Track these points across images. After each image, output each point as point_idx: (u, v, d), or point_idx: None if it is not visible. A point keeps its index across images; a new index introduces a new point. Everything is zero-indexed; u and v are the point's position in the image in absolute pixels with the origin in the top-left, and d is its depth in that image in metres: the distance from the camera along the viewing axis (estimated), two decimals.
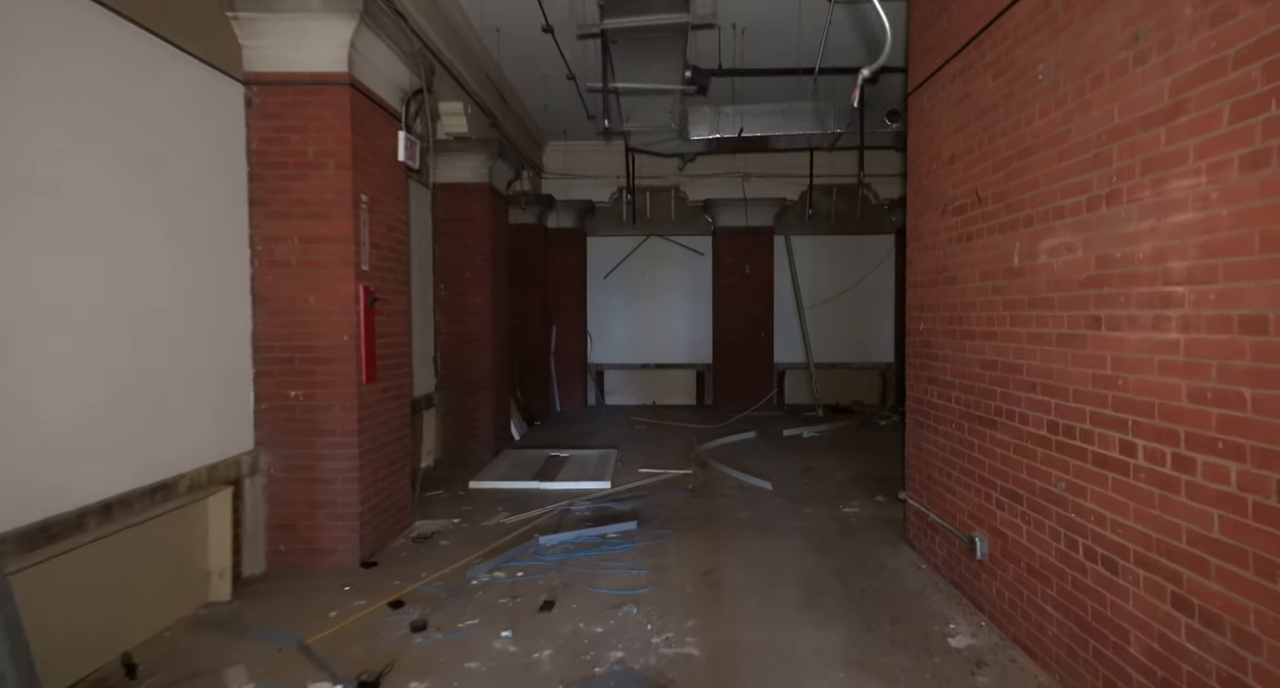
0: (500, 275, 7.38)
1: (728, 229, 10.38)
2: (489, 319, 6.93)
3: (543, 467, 6.36)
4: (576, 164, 10.23)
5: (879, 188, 10.34)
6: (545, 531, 4.52)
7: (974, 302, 3.33)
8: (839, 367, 10.84)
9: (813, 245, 10.79)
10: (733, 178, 10.25)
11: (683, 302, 10.91)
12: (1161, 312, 2.09)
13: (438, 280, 6.85)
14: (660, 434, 8.28)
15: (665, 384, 11.07)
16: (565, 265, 10.48)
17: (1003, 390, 3.05)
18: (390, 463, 4.24)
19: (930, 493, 3.87)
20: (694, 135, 6.91)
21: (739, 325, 10.41)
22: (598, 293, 10.95)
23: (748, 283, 10.37)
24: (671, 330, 10.94)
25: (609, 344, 10.99)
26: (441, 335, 6.89)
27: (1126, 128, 2.25)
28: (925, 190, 3.94)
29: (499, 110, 7.48)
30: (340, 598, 3.42)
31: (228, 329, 3.54)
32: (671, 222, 10.88)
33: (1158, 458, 2.10)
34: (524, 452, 7.08)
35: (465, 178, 6.81)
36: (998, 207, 3.11)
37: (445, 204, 6.82)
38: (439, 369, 6.84)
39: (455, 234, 6.86)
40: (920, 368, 4.05)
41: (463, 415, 6.93)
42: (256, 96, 3.65)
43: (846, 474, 6.18)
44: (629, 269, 10.91)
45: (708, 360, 10.83)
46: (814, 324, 10.68)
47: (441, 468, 6.48)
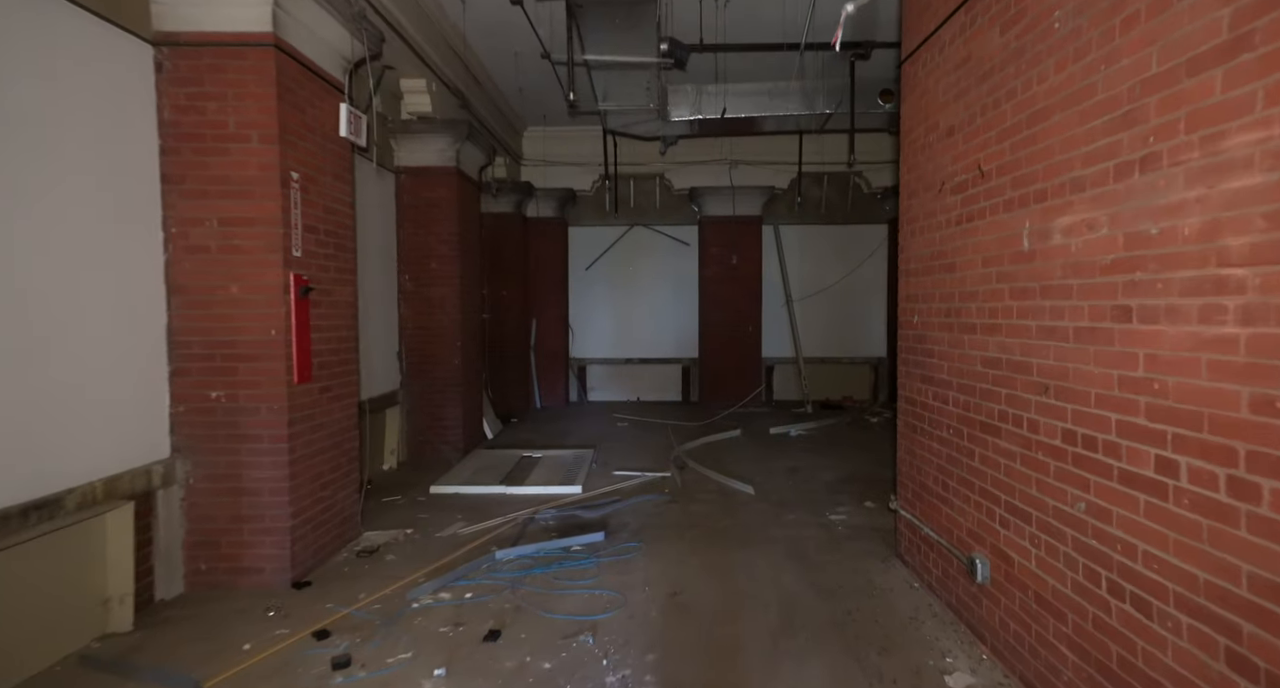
0: (471, 266, 6.96)
1: (714, 218, 9.98)
2: (457, 312, 6.51)
3: (513, 469, 5.97)
4: (557, 150, 9.80)
5: (871, 175, 9.96)
6: (504, 543, 4.13)
7: (975, 291, 2.95)
8: (829, 361, 10.48)
9: (802, 235, 10.40)
10: (719, 165, 9.85)
11: (668, 294, 10.52)
12: (1214, 300, 1.71)
13: (402, 271, 6.43)
14: (641, 433, 7.90)
15: (650, 380, 10.68)
16: (546, 256, 10.06)
17: (1008, 392, 2.67)
18: (333, 470, 3.84)
19: (924, 504, 3.50)
20: (675, 116, 6.50)
21: (726, 319, 10.03)
22: (580, 285, 10.54)
23: (735, 274, 9.99)
24: (656, 324, 10.55)
25: (592, 338, 10.59)
26: (407, 329, 6.47)
27: (1168, 76, 1.86)
28: (919, 168, 3.55)
29: (469, 91, 7.04)
30: (260, 626, 3.01)
31: (137, 322, 3.12)
32: (656, 210, 10.47)
33: (1207, 481, 1.72)
34: (496, 452, 6.68)
35: (431, 161, 6.37)
36: (1003, 181, 2.72)
37: (410, 189, 6.39)
38: (404, 365, 6.42)
39: (420, 221, 6.43)
40: (913, 366, 3.67)
41: (429, 414, 6.52)
42: (168, 60, 3.21)
43: (834, 476, 5.82)
44: (612, 260, 10.50)
45: (694, 355, 10.45)
46: (803, 317, 10.31)
47: (405, 470, 6.07)
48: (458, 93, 6.68)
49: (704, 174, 9.91)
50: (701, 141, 9.78)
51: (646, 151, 9.83)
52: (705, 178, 9.90)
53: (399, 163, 6.35)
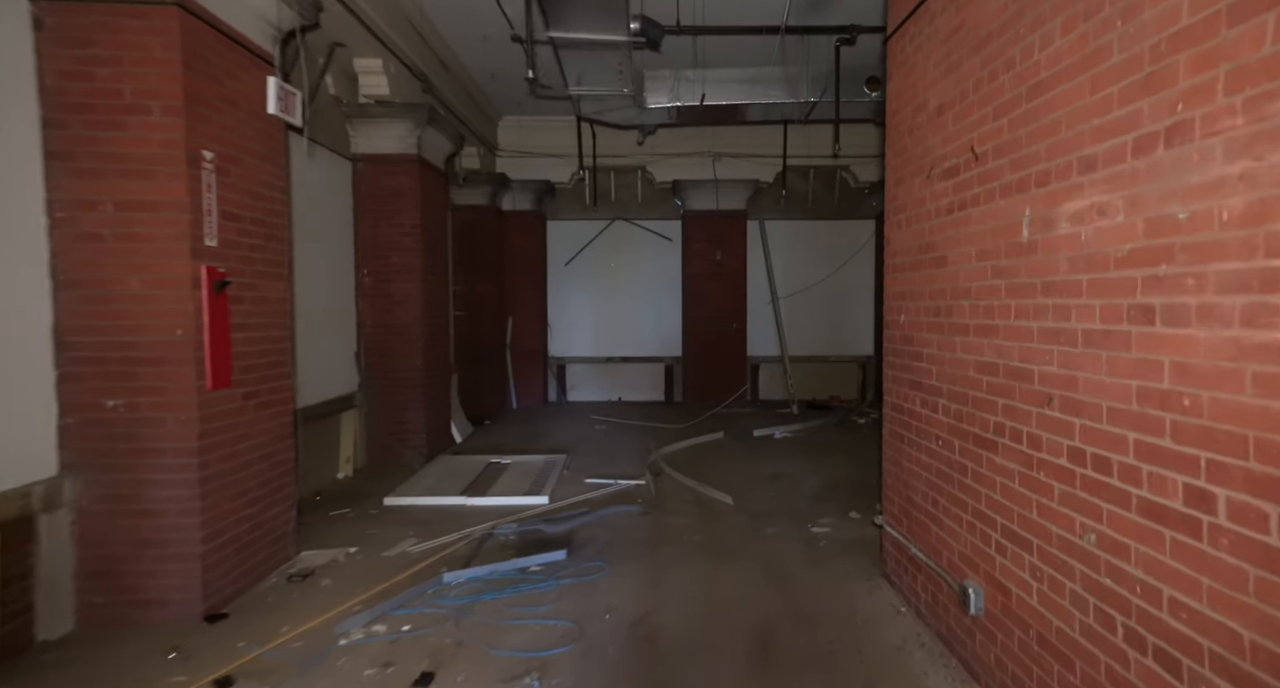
0: (437, 260, 6.58)
1: (698, 213, 9.64)
2: (420, 309, 6.14)
3: (477, 477, 5.62)
4: (534, 141, 9.42)
5: (858, 170, 9.64)
6: (456, 563, 3.78)
7: (968, 288, 2.63)
8: (815, 360, 10.17)
9: (788, 231, 10.08)
10: (703, 158, 9.51)
11: (650, 290, 10.17)
12: (1262, 298, 1.39)
13: (361, 265, 6.05)
14: (620, 435, 7.56)
15: (631, 379, 10.34)
16: (523, 251, 9.69)
17: (1005, 402, 2.35)
18: (262, 485, 3.47)
19: (912, 521, 3.18)
20: (651, 103, 6.15)
21: (710, 316, 9.70)
22: (559, 281, 10.18)
23: (719, 270, 9.66)
24: (638, 321, 10.20)
25: (571, 336, 10.24)
26: (366, 328, 6.09)
27: (1203, 27, 1.53)
28: (907, 152, 3.23)
29: (435, 74, 6.65)
30: (156, 671, 2.65)
31: (13, 319, 2.74)
32: (638, 204, 10.12)
33: (1255, 520, 1.40)
34: (462, 458, 6.33)
35: (390, 148, 5.99)
36: (1000, 163, 2.39)
37: (369, 178, 6.01)
38: (363, 366, 6.05)
39: (380, 213, 6.04)
40: (900, 369, 3.35)
41: (390, 418, 6.15)
42: (50, 15, 2.82)
43: (819, 482, 5.50)
44: (592, 255, 10.14)
45: (677, 354, 10.12)
46: (789, 315, 10.00)
47: (361, 479, 5.70)
48: (420, 76, 6.29)
49: (687, 167, 9.57)
50: (682, 132, 9.42)
51: (627, 143, 9.46)
52: (688, 171, 9.56)
53: (356, 150, 5.97)
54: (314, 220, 5.28)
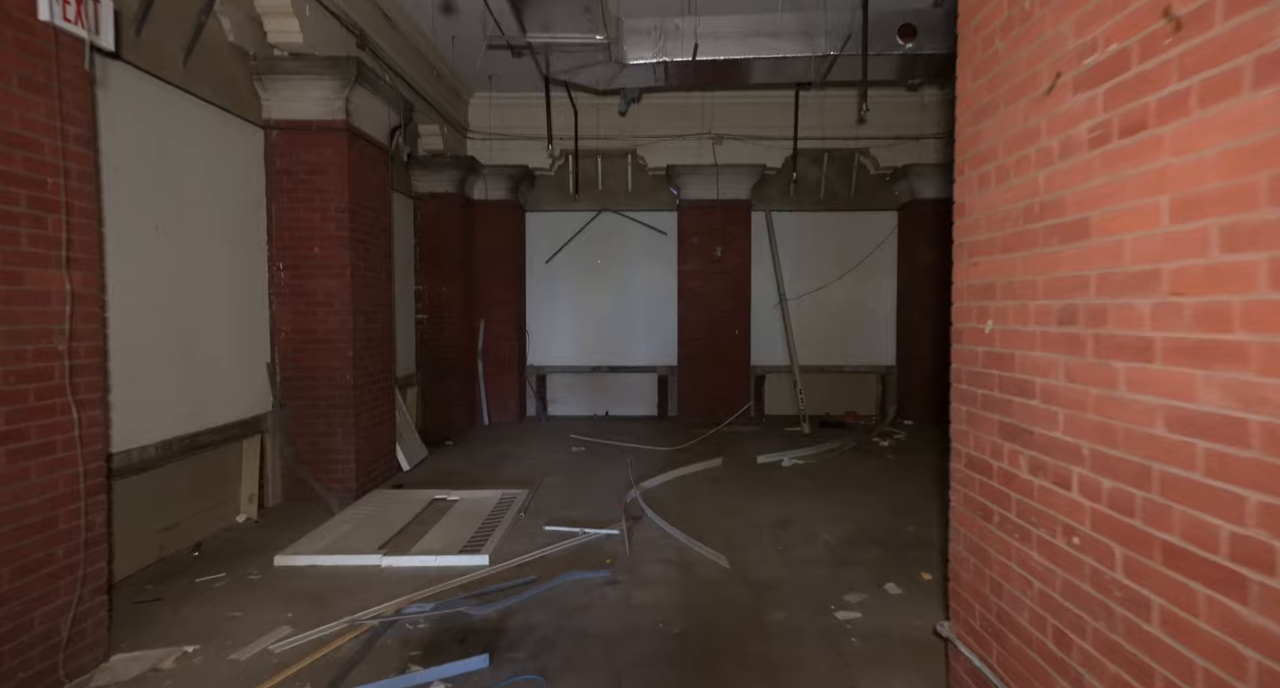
0: (375, 253, 5.44)
1: (696, 203, 8.48)
2: (348, 311, 5.00)
3: (410, 522, 4.47)
4: (508, 121, 8.29)
5: (880, 153, 8.47)
6: (331, 672, 2.63)
7: (1148, 274, 1.45)
8: (829, 371, 8.99)
9: (798, 223, 8.92)
10: (701, 140, 8.36)
11: (641, 291, 9.02)
12: None
13: (275, 258, 4.92)
14: (600, 461, 6.40)
15: (620, 391, 9.18)
16: (496, 245, 8.55)
17: (1263, 501, 1.18)
18: (20, 574, 2.33)
19: (1011, 652, 2.01)
20: (632, 59, 5.00)
21: (709, 320, 8.54)
22: (538, 280, 9.04)
23: (719, 268, 8.50)
24: (628, 326, 9.05)
25: (552, 343, 9.09)
26: (282, 335, 4.95)
27: None
28: (999, 61, 2.05)
29: (375, 29, 5.52)
30: None
31: None
32: (628, 194, 8.97)
33: None
34: (401, 493, 5.18)
35: (310, 114, 4.86)
36: (1236, 26, 1.23)
37: (284, 151, 4.88)
38: (278, 381, 4.91)
39: (298, 193, 4.91)
40: (984, 405, 2.18)
41: (310, 445, 5.00)
42: None
43: (839, 533, 4.32)
44: (576, 251, 9.00)
45: (671, 362, 8.95)
46: (799, 319, 8.82)
47: (266, 523, 4.55)
48: (353, 28, 5.16)
49: (683, 150, 8.42)
50: (677, 109, 8.28)
51: (613, 121, 8.33)
52: (684, 155, 8.41)
53: (269, 115, 4.84)
54: (198, 198, 4.15)
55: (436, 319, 8.03)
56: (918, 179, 8.23)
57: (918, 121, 8.20)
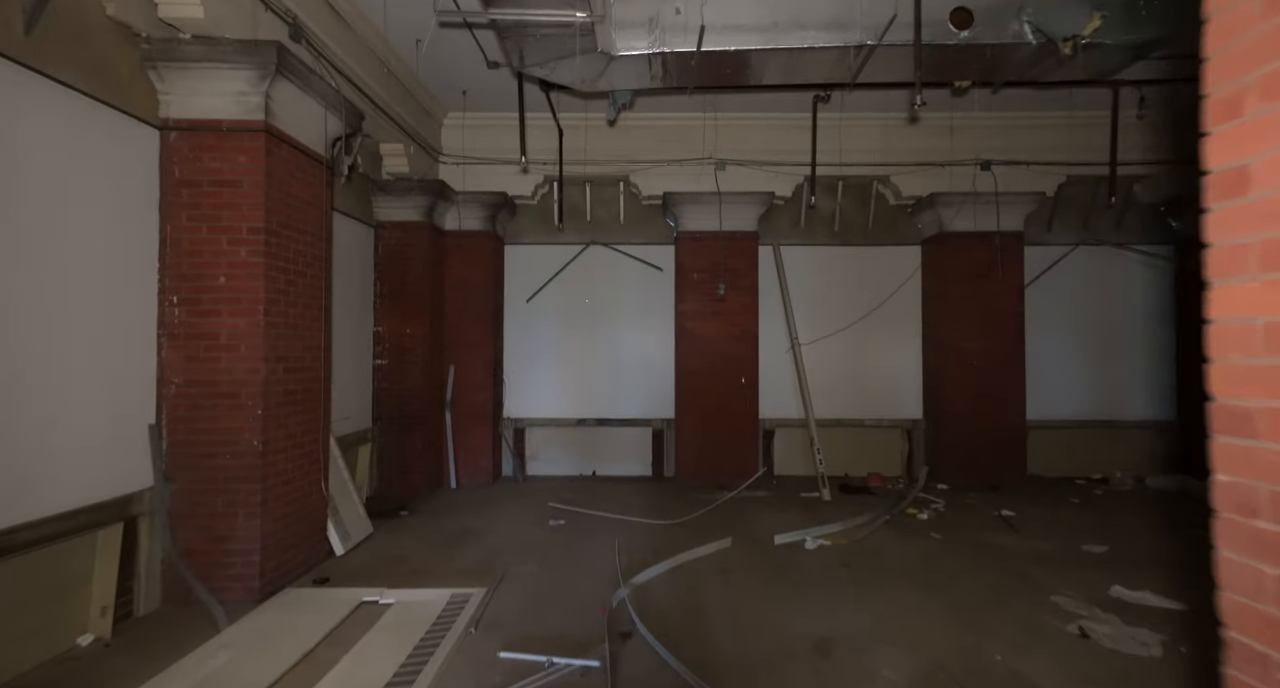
0: (305, 285, 4.40)
1: (695, 235, 7.54)
2: (260, 357, 3.92)
3: (320, 643, 3.31)
4: (485, 143, 7.38)
5: (900, 181, 7.57)
6: None
7: None
8: (847, 425, 7.90)
9: (811, 259, 7.96)
10: (702, 165, 7.46)
11: (635, 334, 7.99)
12: None
13: (167, 289, 3.87)
14: (583, 538, 5.25)
15: (610, 448, 8.05)
16: (470, 282, 7.54)
17: None
18: None
19: None
20: (622, 49, 4.08)
21: (711, 367, 7.49)
22: (518, 321, 8.01)
23: (723, 308, 7.50)
24: (619, 374, 7.98)
25: (533, 392, 8.00)
26: (173, 387, 3.87)
27: None
28: None
29: (314, 18, 4.61)
30: None
31: None
32: (620, 225, 8.03)
33: None
34: (322, 592, 4.01)
35: (219, 111, 3.89)
36: None
37: (186, 156, 3.88)
38: (163, 448, 3.80)
39: (201, 209, 3.89)
40: None
41: (202, 530, 3.86)
42: None
43: (903, 666, 3.17)
44: (562, 288, 7.99)
45: (668, 415, 7.86)
46: (813, 367, 7.78)
47: (116, 650, 3.35)
48: (284, 13, 4.23)
49: (681, 177, 7.51)
50: (673, 128, 7.42)
51: (603, 144, 7.45)
52: (683, 181, 7.50)
53: (167, 113, 3.87)
54: (44, 209, 3.12)
55: (398, 365, 6.97)
56: (945, 209, 7.32)
57: (945, 146, 7.34)
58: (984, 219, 7.28)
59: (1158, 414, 7.88)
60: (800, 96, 6.68)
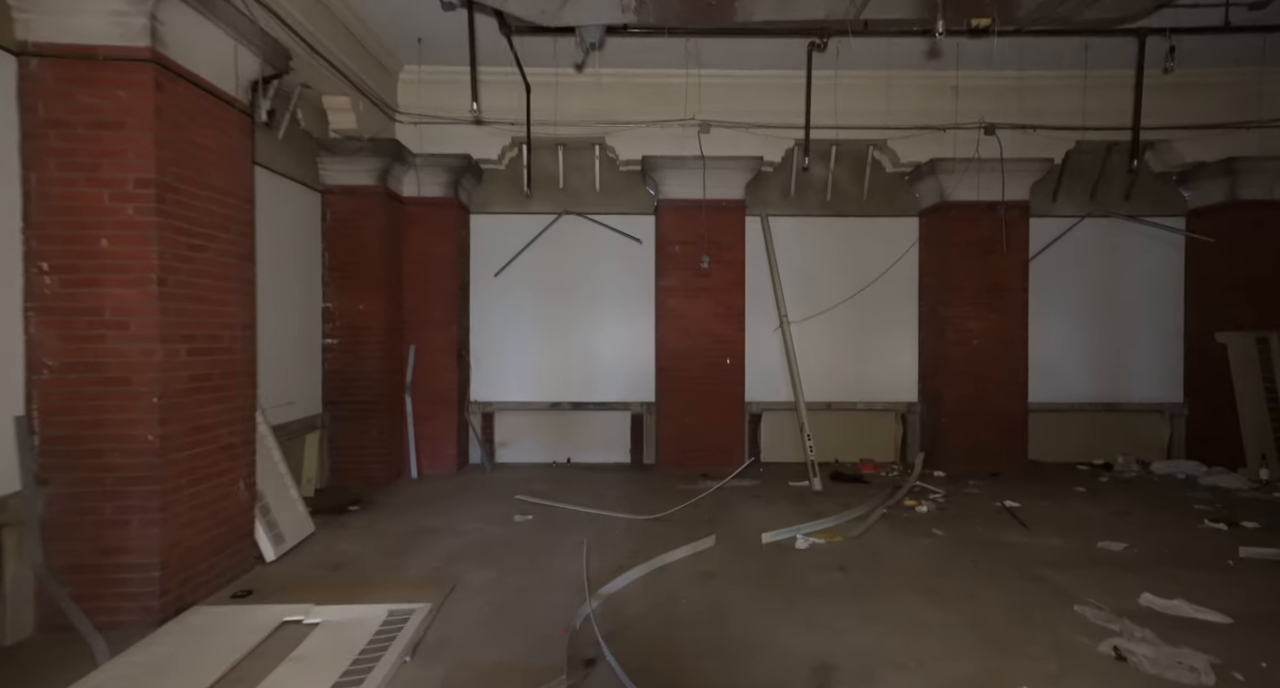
0: (219, 251, 3.75)
1: (677, 204, 6.93)
2: (156, 336, 3.29)
3: (220, 680, 2.74)
4: (447, 101, 6.66)
5: (898, 146, 6.98)
6: None
7: None
8: (839, 408, 7.41)
9: (802, 230, 7.39)
10: (684, 127, 6.83)
11: (612, 311, 7.40)
12: None
13: (34, 253, 3.21)
14: (551, 536, 4.71)
15: (585, 433, 7.50)
16: (432, 254, 6.89)
17: None
18: None
19: None
20: None
21: (694, 347, 6.93)
22: (485, 297, 7.38)
23: (707, 283, 6.93)
24: (595, 354, 7.41)
25: (502, 374, 7.40)
26: (45, 371, 3.23)
27: None
28: None
29: None
30: None
31: None
32: (595, 192, 7.39)
33: None
34: (238, 611, 3.43)
35: (94, 34, 3.20)
36: None
37: (53, 89, 3.20)
38: (34, 443, 3.18)
39: (76, 156, 3.22)
40: None
41: (90, 542, 3.24)
42: None
43: None
44: (533, 262, 7.37)
45: (648, 398, 7.32)
46: (804, 346, 7.24)
47: None
48: None
49: (662, 140, 6.87)
50: (653, 87, 6.77)
51: (576, 103, 6.78)
52: (664, 145, 6.86)
53: (26, 36, 3.18)
54: None
55: (351, 345, 6.33)
56: (947, 176, 6.76)
57: (947, 108, 6.75)
58: (988, 188, 6.73)
59: (1164, 397, 7.45)
60: (792, 50, 6.06)
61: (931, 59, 6.16)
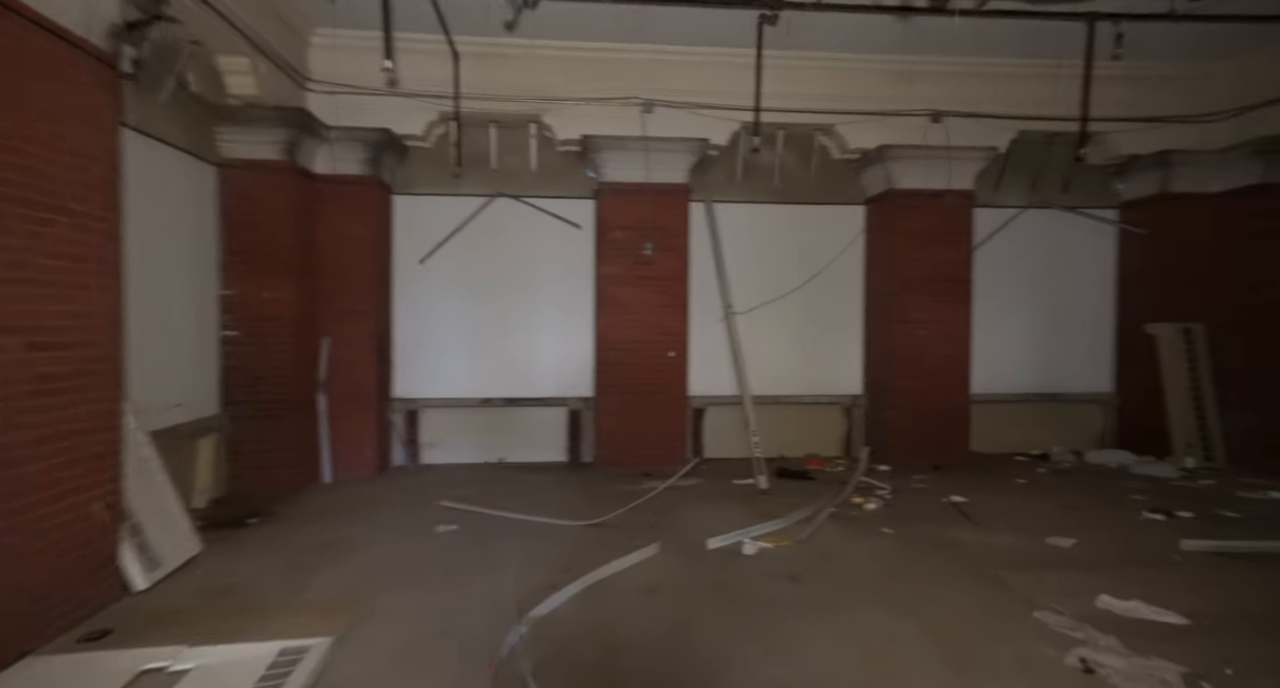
0: (76, 227, 3.14)
1: (619, 187, 6.54)
2: None
3: None
4: (367, 70, 6.02)
5: (846, 131, 6.76)
6: None
7: None
8: (785, 402, 7.19)
9: (748, 217, 7.11)
10: (626, 106, 6.43)
11: (549, 300, 6.96)
12: None
13: None
14: (477, 548, 4.27)
15: (520, 430, 7.04)
16: (350, 237, 6.29)
17: None
18: None
19: None
20: None
21: (636, 339, 6.57)
22: (410, 285, 6.81)
23: (650, 272, 6.57)
24: (531, 346, 6.95)
25: (429, 368, 6.85)
26: None
27: None
28: None
29: None
30: None
31: None
32: (531, 174, 6.92)
33: None
34: (86, 658, 2.87)
35: None
36: None
37: None
38: None
39: None
40: None
41: None
42: None
43: None
44: (464, 248, 6.84)
45: (587, 393, 6.92)
46: (750, 338, 6.98)
47: None
48: None
49: (603, 119, 6.44)
50: (592, 60, 6.37)
51: (510, 77, 6.29)
52: (604, 124, 6.43)
53: None
54: None
55: (256, 337, 5.68)
56: (895, 163, 6.59)
57: (895, 95, 6.57)
58: (935, 176, 6.60)
59: (1098, 387, 7.55)
60: (741, 26, 5.71)
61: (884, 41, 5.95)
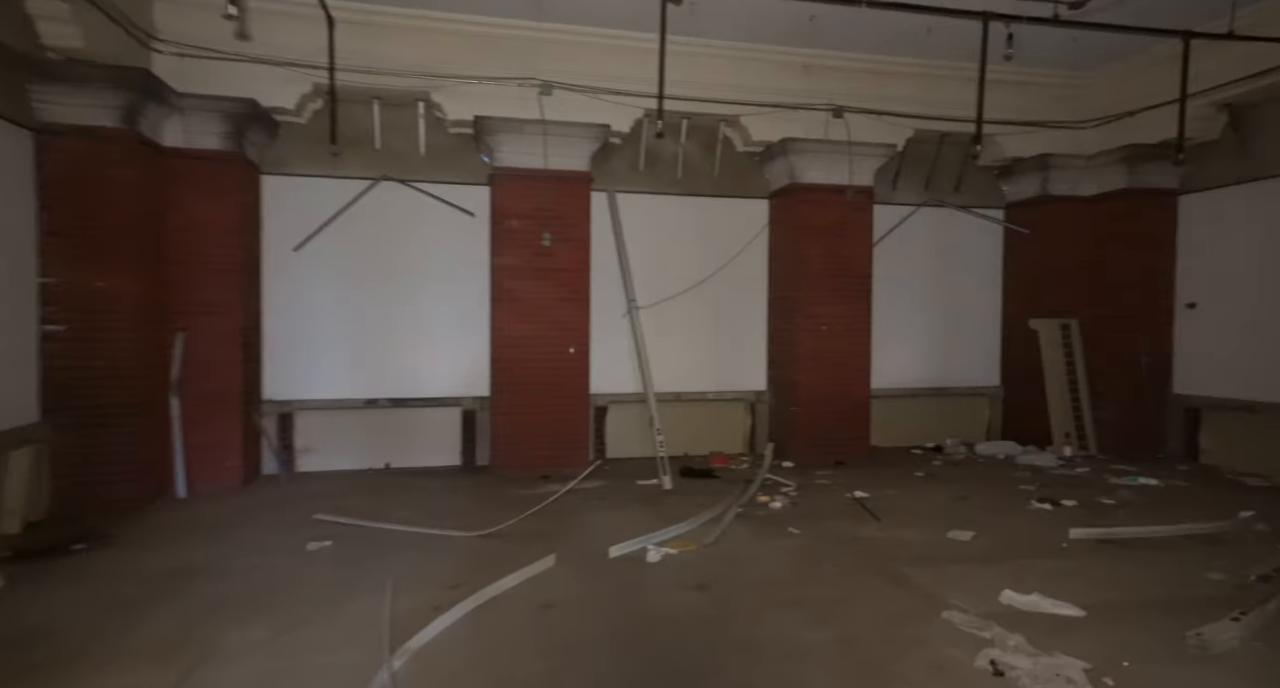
0: None
1: (515, 173, 6.15)
2: None
3: None
4: (226, 32, 5.33)
5: (751, 123, 6.66)
6: None
7: None
8: (689, 400, 7.04)
9: (651, 209, 6.89)
10: (524, 87, 6.05)
11: (440, 293, 6.47)
12: None
13: None
14: (352, 569, 3.79)
15: (408, 433, 6.51)
16: (209, 220, 5.58)
17: None
18: None
19: None
20: None
21: (534, 334, 6.21)
22: (283, 275, 6.14)
23: (550, 263, 6.23)
24: (420, 342, 6.44)
25: (305, 366, 6.21)
26: None
27: None
28: None
29: None
30: None
31: None
32: (421, 157, 6.40)
33: None
34: None
35: None
36: None
37: None
38: None
39: None
40: None
41: None
42: None
43: None
44: (345, 235, 6.24)
45: (482, 392, 6.48)
46: (653, 333, 6.76)
47: None
48: None
49: (498, 99, 6.03)
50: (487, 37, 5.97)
51: (396, 50, 5.77)
52: (500, 105, 6.02)
53: None
54: None
55: (87, 332, 4.91)
56: (798, 157, 6.56)
57: (798, 87, 6.54)
58: (836, 171, 6.63)
59: (986, 381, 7.88)
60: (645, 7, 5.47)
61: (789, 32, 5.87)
